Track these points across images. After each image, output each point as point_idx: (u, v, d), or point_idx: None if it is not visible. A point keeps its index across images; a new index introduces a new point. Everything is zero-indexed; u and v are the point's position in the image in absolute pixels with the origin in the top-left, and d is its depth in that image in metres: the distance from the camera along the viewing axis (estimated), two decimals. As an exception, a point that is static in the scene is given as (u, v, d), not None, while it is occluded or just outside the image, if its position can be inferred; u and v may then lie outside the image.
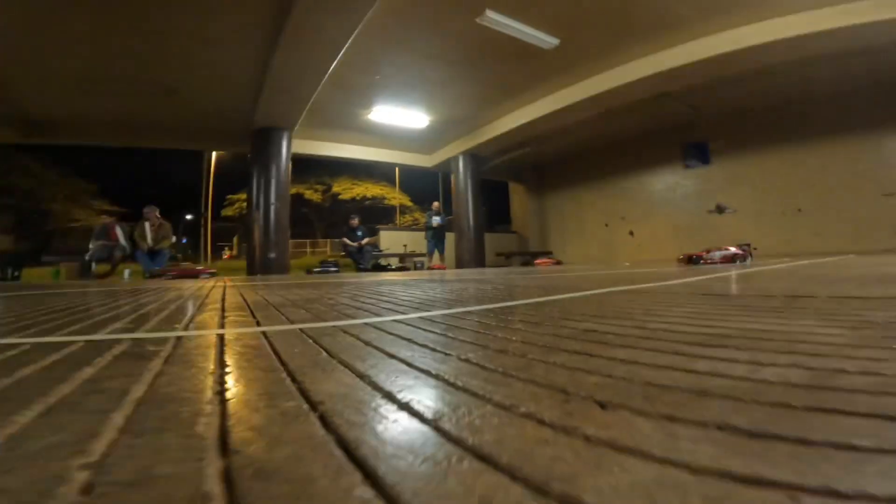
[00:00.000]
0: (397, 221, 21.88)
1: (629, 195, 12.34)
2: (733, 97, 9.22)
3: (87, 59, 6.58)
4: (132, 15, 5.63)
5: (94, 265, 6.74)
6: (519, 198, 14.96)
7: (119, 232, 6.96)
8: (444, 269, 9.47)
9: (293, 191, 20.58)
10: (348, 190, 22.52)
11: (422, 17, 6.27)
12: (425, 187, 22.72)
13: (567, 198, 13.65)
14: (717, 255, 5.20)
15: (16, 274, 6.94)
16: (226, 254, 17.67)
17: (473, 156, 11.19)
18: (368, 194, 23.12)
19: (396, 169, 19.90)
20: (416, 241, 10.69)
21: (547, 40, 6.96)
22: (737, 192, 10.85)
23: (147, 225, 6.97)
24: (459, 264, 10.33)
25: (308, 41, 6.14)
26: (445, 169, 12.09)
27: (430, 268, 9.45)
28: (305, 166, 19.43)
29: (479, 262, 10.65)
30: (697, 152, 11.57)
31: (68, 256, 8.06)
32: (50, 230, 17.18)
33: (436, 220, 9.62)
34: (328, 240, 20.83)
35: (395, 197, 22.95)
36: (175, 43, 6.32)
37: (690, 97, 9.21)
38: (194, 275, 6.49)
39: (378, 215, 22.30)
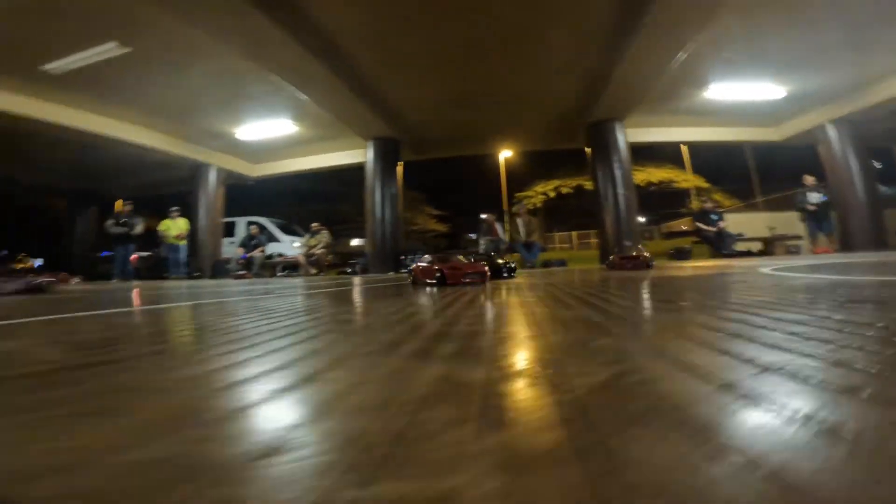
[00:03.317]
0: (689, 205, 19.42)
1: None
2: None
3: (456, 82, 7.80)
4: (491, 29, 6.21)
5: (485, 257, 8.44)
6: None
7: (499, 228, 8.51)
8: (830, 252, 7.54)
9: (573, 183, 21.06)
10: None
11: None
12: (718, 165, 19.26)
13: None
14: None
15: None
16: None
17: (850, 122, 8.75)
18: (653, 179, 21.36)
19: (683, 148, 17.51)
20: (785, 222, 9.01)
21: None
22: None
23: (520, 221, 8.27)
24: (846, 248, 8.16)
25: (665, 31, 5.94)
26: (804, 141, 9.79)
27: (814, 252, 7.71)
28: (581, 159, 19.44)
29: (878, 244, 8.21)
30: None
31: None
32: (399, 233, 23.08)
33: (814, 197, 7.78)
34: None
35: (687, 179, 20.33)
36: (525, 53, 6.90)
37: None
38: None
39: (664, 202, 20.45)
